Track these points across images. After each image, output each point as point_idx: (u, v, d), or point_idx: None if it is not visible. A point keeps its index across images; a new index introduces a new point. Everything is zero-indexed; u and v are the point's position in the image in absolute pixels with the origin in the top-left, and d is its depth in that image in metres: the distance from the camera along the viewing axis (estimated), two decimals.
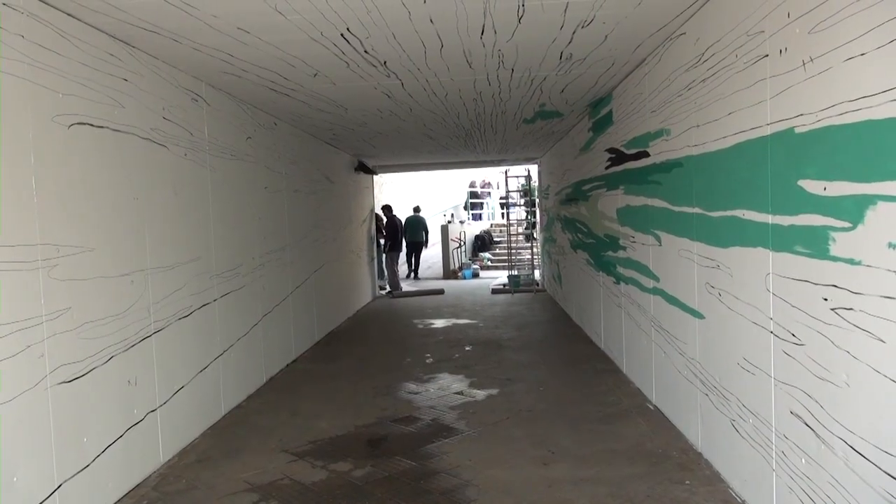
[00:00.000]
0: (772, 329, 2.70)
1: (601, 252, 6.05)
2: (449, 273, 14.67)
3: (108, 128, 3.36)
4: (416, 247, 14.55)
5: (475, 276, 14.60)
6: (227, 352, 4.75)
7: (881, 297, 2.01)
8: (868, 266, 2.07)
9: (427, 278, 14.81)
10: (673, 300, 3.97)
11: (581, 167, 7.03)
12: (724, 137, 3.11)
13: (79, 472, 3.04)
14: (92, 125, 3.23)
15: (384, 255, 12.06)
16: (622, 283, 5.26)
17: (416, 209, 15.01)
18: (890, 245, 1.97)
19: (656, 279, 4.30)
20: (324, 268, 7.67)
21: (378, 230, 12.02)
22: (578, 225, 7.29)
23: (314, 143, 7.55)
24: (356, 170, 9.98)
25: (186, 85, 4.24)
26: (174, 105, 4.06)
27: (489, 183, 21.00)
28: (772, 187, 2.65)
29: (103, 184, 3.30)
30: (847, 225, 2.16)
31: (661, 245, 4.18)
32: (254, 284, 5.32)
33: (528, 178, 12.83)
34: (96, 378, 3.19)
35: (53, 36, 2.98)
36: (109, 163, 3.37)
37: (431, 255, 16.96)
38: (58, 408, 2.90)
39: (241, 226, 5.14)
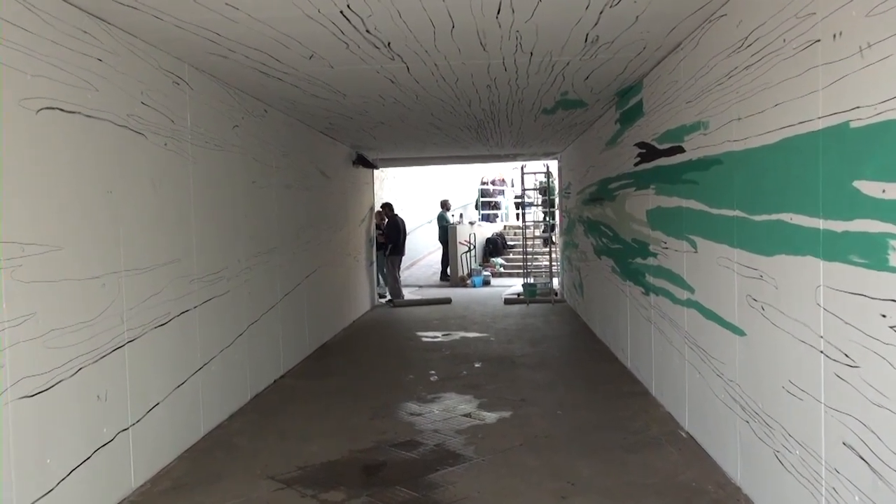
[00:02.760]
0: (822, 348, 2.68)
1: (628, 259, 6.04)
2: (457, 280, 14.69)
3: (80, 113, 3.39)
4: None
5: (486, 283, 14.61)
6: (208, 365, 4.76)
7: None
8: None
9: (432, 286, 14.81)
10: (710, 314, 3.95)
11: (607, 163, 7.02)
12: (770, 132, 3.10)
13: (41, 497, 3.05)
14: (62, 110, 3.25)
15: (384, 260, 12.08)
16: (652, 295, 5.25)
17: (445, 204, 15.41)
18: None
19: (691, 290, 4.29)
20: (317, 272, 7.69)
21: (380, 231, 12.05)
22: (603, 228, 7.28)
23: (308, 133, 7.58)
24: (354, 163, 10.01)
25: (167, 66, 4.27)
26: (153, 89, 4.09)
27: (503, 180, 21.01)
28: (823, 188, 2.63)
29: (74, 176, 3.32)
30: None
31: (696, 252, 4.17)
32: (239, 290, 5.34)
33: (547, 174, 12.83)
34: (62, 392, 3.20)
35: (20, 10, 3.00)
36: (81, 152, 3.39)
37: (434, 261, 17.00)
38: (18, 425, 2.91)
39: (226, 224, 5.16)
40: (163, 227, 4.18)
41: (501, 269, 16.37)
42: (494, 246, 17.28)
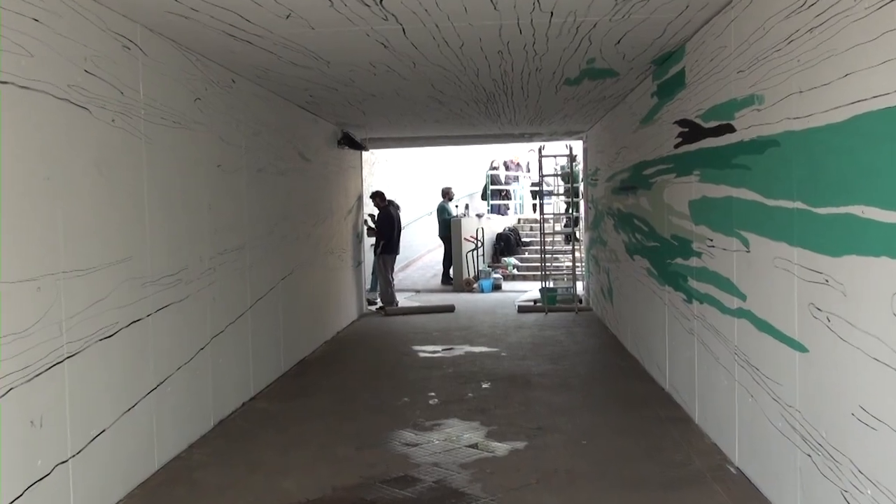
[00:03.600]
0: None
1: (667, 259, 6.03)
2: (461, 284, 14.70)
3: (12, 83, 3.39)
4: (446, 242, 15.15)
5: (496, 288, 14.61)
6: (164, 384, 4.77)
7: None
8: None
9: (432, 290, 14.82)
10: (764, 326, 3.95)
11: (641, 145, 7.02)
12: (837, 108, 3.09)
13: None
14: None
15: (375, 259, 12.09)
16: (695, 302, 5.24)
17: (446, 193, 15.53)
18: None
19: (742, 297, 4.28)
20: (295, 274, 7.70)
21: (369, 224, 12.04)
22: (637, 222, 7.28)
23: (285, 107, 7.59)
24: (340, 144, 10.02)
25: (116, 28, 4.27)
26: (100, 55, 4.09)
27: (517, 164, 21.01)
28: None
29: (4, 158, 3.32)
30: None
31: (748, 251, 4.16)
32: (201, 295, 5.35)
33: (570, 158, 12.83)
34: None
35: None
36: (13, 130, 3.39)
37: (434, 261, 17.03)
38: None
39: (187, 216, 5.17)
40: (111, 220, 4.18)
41: (514, 271, 16.38)
42: (506, 243, 17.29)
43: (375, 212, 12.14)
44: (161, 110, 4.79)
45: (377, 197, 12.12)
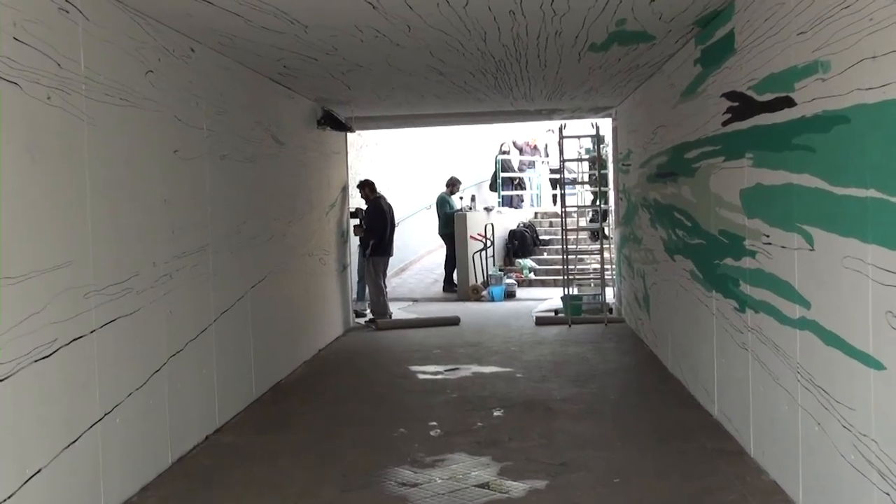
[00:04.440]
0: None
1: (714, 260, 6.02)
2: (467, 291, 14.70)
3: None
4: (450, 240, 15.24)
5: (509, 295, 14.59)
6: (112, 414, 4.76)
7: None
8: None
9: (432, 299, 14.80)
10: (832, 339, 3.94)
11: (682, 122, 7.01)
12: None
13: None
14: None
15: (364, 262, 12.08)
16: (748, 311, 5.23)
17: (452, 184, 15.66)
18: None
19: (805, 305, 4.27)
20: (267, 281, 7.70)
21: (358, 218, 12.04)
22: (677, 215, 7.27)
23: (254, 81, 7.59)
24: (320, 124, 10.02)
25: None
26: (31, 18, 4.08)
27: (534, 146, 21.01)
28: None
29: None
30: None
31: (812, 249, 4.15)
32: (155, 307, 5.34)
33: (597, 138, 12.81)
34: None
35: None
36: None
37: (435, 264, 17.00)
38: None
39: (137, 213, 5.16)
40: (46, 217, 4.17)
41: (531, 276, 16.36)
42: (521, 242, 17.27)
43: (363, 205, 12.15)
44: (106, 85, 4.78)
45: (366, 187, 12.12)
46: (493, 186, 19.78)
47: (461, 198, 16.48)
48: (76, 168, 4.47)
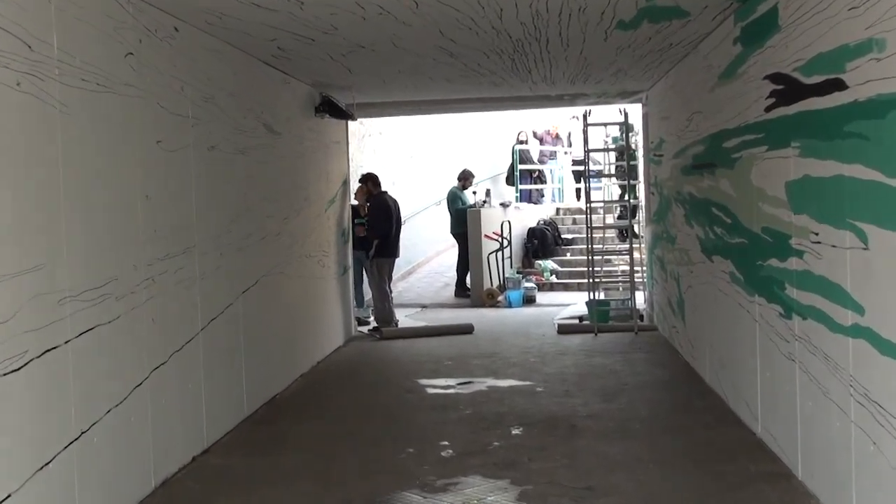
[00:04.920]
0: None
1: (757, 260, 6.01)
2: (481, 296, 14.69)
3: None
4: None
5: (528, 301, 14.58)
6: (90, 433, 4.77)
7: None
8: None
9: (443, 305, 14.79)
10: (890, 349, 3.92)
11: (721, 108, 6.99)
12: None
13: None
14: None
15: (367, 264, 12.08)
16: (795, 318, 5.21)
17: (465, 178, 15.69)
18: None
19: (859, 310, 4.25)
20: (260, 285, 7.71)
21: (356, 217, 12.04)
22: (715, 211, 7.25)
23: (245, 64, 7.60)
24: (319, 112, 10.02)
25: None
26: None
27: (556, 135, 20.98)
28: None
29: None
30: None
31: (866, 248, 4.13)
32: (137, 314, 5.35)
33: (625, 126, 12.78)
34: None
35: None
36: None
37: (445, 266, 16.96)
38: None
39: (116, 210, 5.17)
40: (15, 216, 4.18)
41: (553, 279, 16.34)
42: (541, 241, 17.26)
43: (366, 204, 12.15)
44: (82, 69, 4.79)
45: (369, 181, 12.13)
46: (510, 180, 19.74)
47: (475, 192, 16.48)
48: (48, 161, 4.48)
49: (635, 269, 12.38)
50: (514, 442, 6.48)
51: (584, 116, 12.82)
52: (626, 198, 13.31)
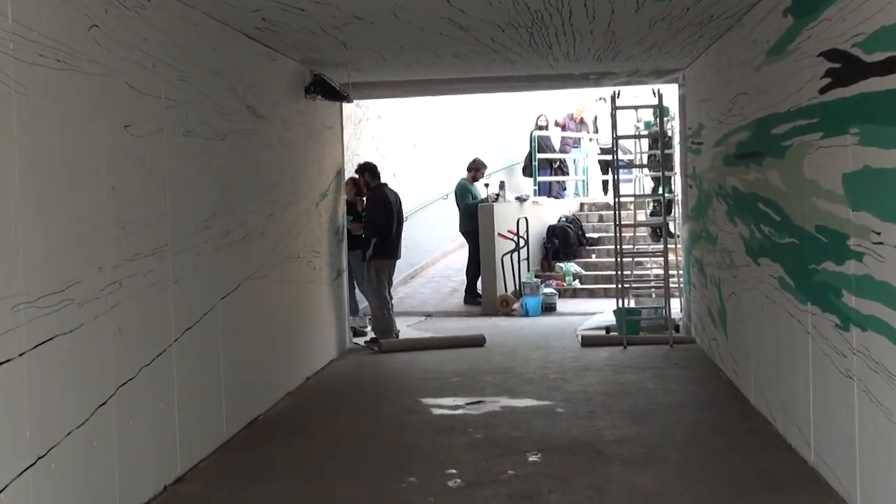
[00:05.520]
0: None
1: (810, 264, 6.00)
2: (494, 303, 14.67)
3: None
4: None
5: (548, 309, 14.56)
6: (47, 458, 4.76)
7: None
8: None
9: (450, 313, 14.77)
10: None
11: (768, 89, 6.98)
12: None
13: None
14: None
15: (363, 266, 12.08)
16: (854, 329, 5.20)
17: (476, 168, 15.71)
18: None
19: None
20: (242, 290, 7.71)
21: (352, 213, 12.03)
22: (763, 207, 7.23)
23: (226, 38, 7.60)
24: (309, 93, 10.02)
25: None
26: None
27: (580, 120, 20.97)
28: None
29: None
30: None
31: None
32: (101, 322, 5.35)
33: (659, 109, 12.75)
34: None
35: None
36: None
37: (453, 268, 16.93)
38: None
39: (79, 204, 5.17)
40: None
41: (576, 284, 16.32)
42: (563, 241, 17.23)
43: (362, 198, 12.15)
44: (39, 44, 4.78)
45: (367, 172, 12.11)
46: (528, 171, 19.74)
47: (487, 185, 16.46)
48: (1, 147, 4.48)
49: (670, 273, 12.35)
50: (532, 470, 6.47)
51: (613, 98, 12.79)
52: (661, 191, 13.29)
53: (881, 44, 4.70)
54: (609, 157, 16.10)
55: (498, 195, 16.20)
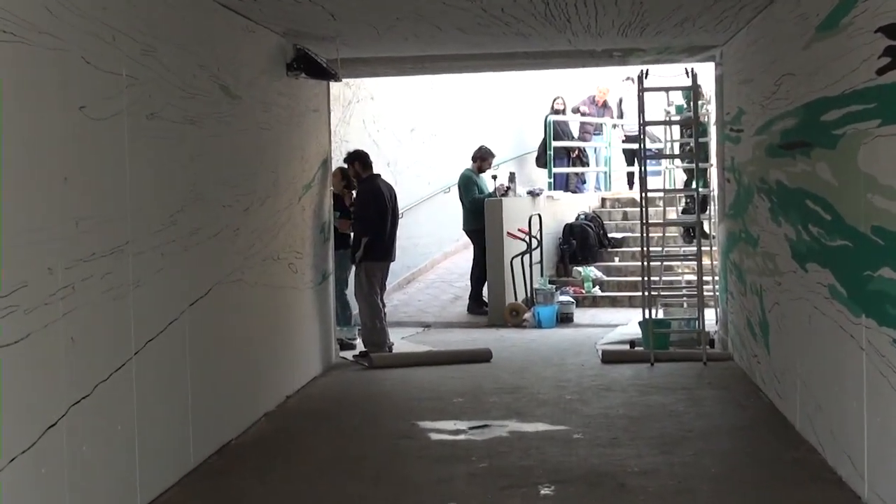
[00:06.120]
0: None
1: (865, 270, 6.00)
2: (503, 313, 14.67)
3: None
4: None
5: (564, 320, 14.59)
6: None
7: None
8: None
9: (452, 324, 14.77)
10: None
11: (818, 69, 6.99)
12: None
13: None
14: None
15: (351, 269, 12.07)
16: None
17: (483, 157, 15.78)
18: None
19: None
20: (213, 296, 7.70)
21: (339, 208, 12.03)
22: (811, 205, 7.23)
23: (197, 8, 7.60)
24: (292, 70, 10.01)
25: None
26: None
27: (602, 103, 20.95)
28: None
29: None
30: None
31: None
32: (51, 333, 5.33)
33: (693, 91, 12.74)
34: None
35: None
36: None
37: (456, 273, 16.90)
38: None
39: (26, 197, 5.16)
40: None
41: (596, 291, 16.31)
42: (581, 241, 17.22)
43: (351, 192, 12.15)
44: None
45: (357, 161, 12.10)
46: (542, 161, 19.73)
47: (495, 177, 16.46)
48: None
49: (704, 279, 12.34)
50: None
51: (640, 78, 12.76)
52: (694, 186, 13.28)
53: None
54: (635, 146, 16.08)
55: (507, 188, 16.21)
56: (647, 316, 11.88)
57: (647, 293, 12.03)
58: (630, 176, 20.62)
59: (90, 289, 5.78)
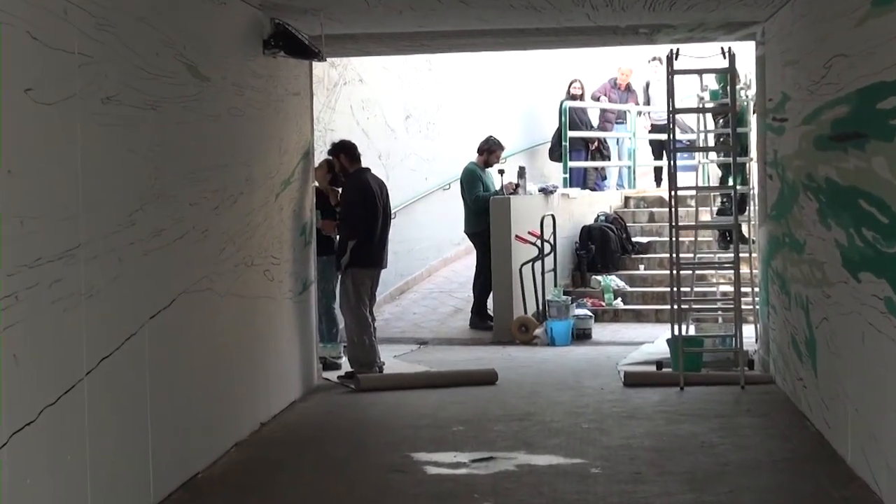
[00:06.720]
0: None
1: None
2: (510, 329, 14.69)
3: None
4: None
5: (580, 336, 14.63)
6: None
7: None
8: None
9: (452, 340, 14.77)
10: None
11: (873, 50, 7.01)
12: None
13: None
14: None
15: (341, 277, 12.07)
16: None
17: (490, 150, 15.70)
18: None
19: None
20: (176, 308, 7.69)
21: (323, 206, 12.04)
22: (864, 205, 7.24)
23: None
24: (269, 47, 10.02)
25: None
26: None
27: (625, 86, 20.96)
28: None
29: None
30: None
31: None
32: None
33: (730, 74, 12.75)
34: None
35: None
36: None
37: (456, 281, 16.91)
38: None
39: None
40: None
41: (618, 303, 16.32)
42: (601, 246, 17.25)
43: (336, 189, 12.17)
44: None
45: (343, 153, 12.12)
46: (557, 153, 19.73)
47: (502, 172, 16.45)
48: None
49: (743, 290, 12.35)
50: None
51: (669, 59, 12.75)
52: (731, 183, 13.28)
53: None
54: (663, 137, 16.10)
55: (517, 185, 16.22)
56: (676, 333, 11.88)
57: (676, 306, 12.05)
58: (657, 171, 20.64)
59: (36, 298, 5.77)
